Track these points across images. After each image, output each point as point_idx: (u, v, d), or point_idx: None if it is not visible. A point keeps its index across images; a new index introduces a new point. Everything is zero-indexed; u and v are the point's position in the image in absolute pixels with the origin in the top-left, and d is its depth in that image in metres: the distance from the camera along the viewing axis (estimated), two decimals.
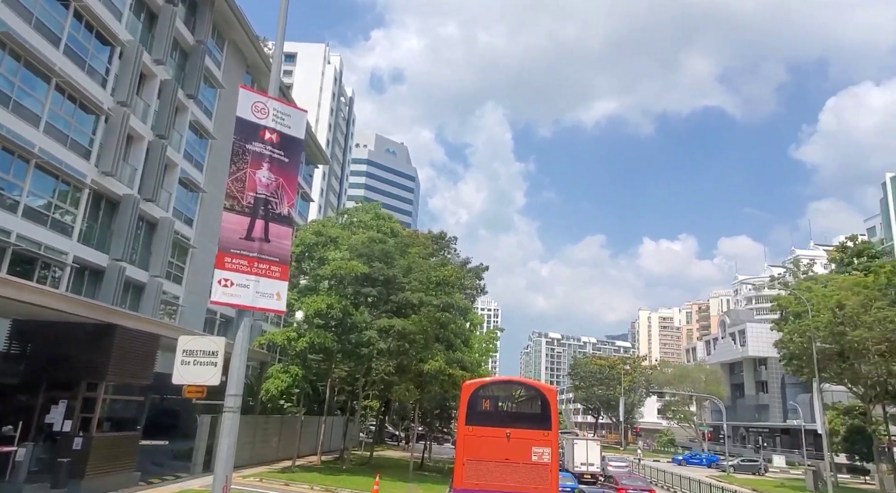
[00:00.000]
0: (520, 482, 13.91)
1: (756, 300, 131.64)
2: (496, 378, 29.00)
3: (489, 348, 45.69)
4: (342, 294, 28.20)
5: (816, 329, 34.35)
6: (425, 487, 27.30)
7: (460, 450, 14.74)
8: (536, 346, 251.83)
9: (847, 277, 36.62)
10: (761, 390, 77.34)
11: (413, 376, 29.95)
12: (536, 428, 14.50)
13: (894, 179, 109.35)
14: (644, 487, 27.87)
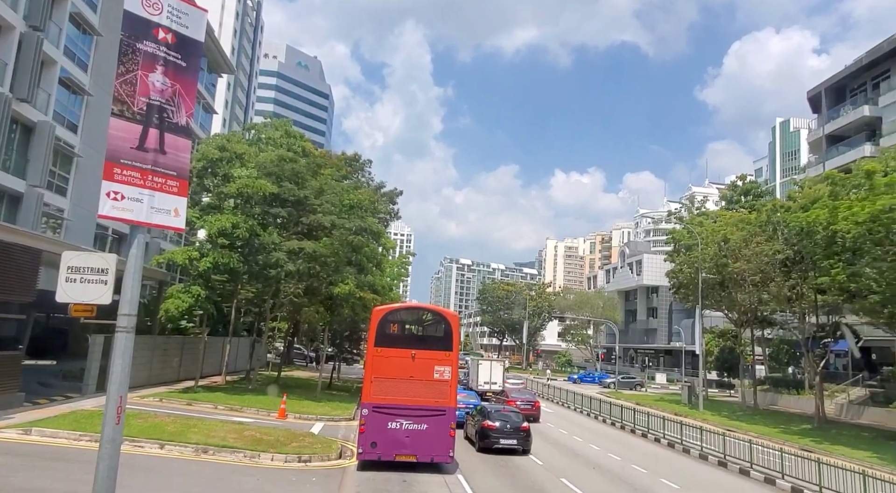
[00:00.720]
0: (423, 396, 15.69)
1: (654, 233, 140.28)
2: (404, 304, 30.39)
3: (401, 272, 46.12)
4: (249, 214, 27.10)
5: (703, 261, 37.22)
6: (333, 405, 27.85)
7: (369, 369, 16.17)
8: (447, 271, 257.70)
9: (734, 213, 39.61)
10: (651, 316, 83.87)
11: (323, 299, 29.81)
12: (439, 350, 16.16)
13: (783, 124, 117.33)
14: (530, 399, 30.43)
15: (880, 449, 25.15)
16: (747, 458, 19.78)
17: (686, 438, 24.00)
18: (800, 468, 17.48)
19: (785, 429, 30.88)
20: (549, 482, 16.08)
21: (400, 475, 15.58)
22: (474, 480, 15.64)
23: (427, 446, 15.71)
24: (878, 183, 26.20)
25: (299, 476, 14.59)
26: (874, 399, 37.44)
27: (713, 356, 56.49)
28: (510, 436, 19.39)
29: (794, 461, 18.18)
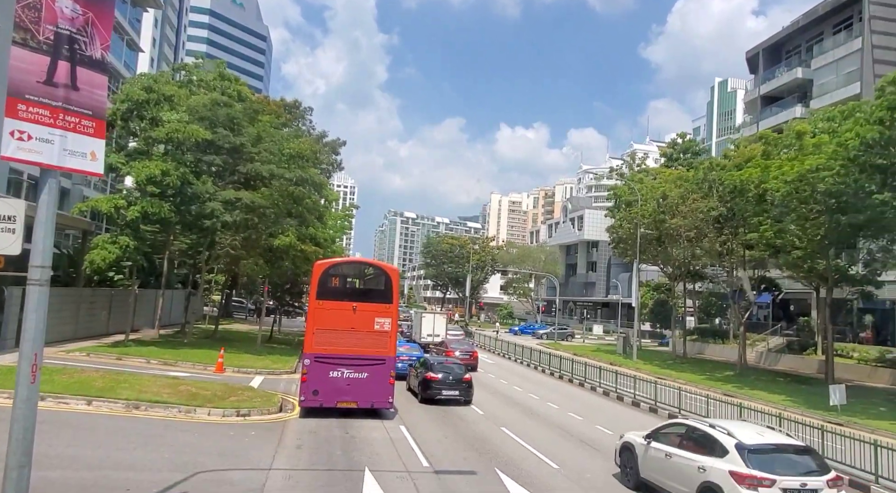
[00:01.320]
0: (364, 347, 16.31)
1: (595, 189, 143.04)
2: (345, 259, 30.80)
3: (344, 225, 45.33)
4: (180, 161, 25.64)
5: (642, 217, 38.22)
6: (274, 358, 27.44)
7: (311, 321, 16.67)
8: (391, 225, 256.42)
9: (673, 171, 40.67)
10: (591, 270, 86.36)
11: (262, 251, 28.94)
12: (379, 302, 16.71)
13: (721, 84, 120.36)
14: (468, 349, 31.08)
15: (793, 393, 27.05)
16: (676, 404, 20.82)
17: (620, 386, 25.02)
18: (723, 412, 18.49)
19: (710, 376, 32.71)
20: (489, 431, 16.42)
21: (342, 427, 15.54)
22: (417, 431, 15.78)
23: (367, 393, 16.30)
24: (807, 143, 27.24)
25: (238, 431, 14.30)
26: (790, 347, 40.11)
27: (647, 309, 59.00)
28: (452, 387, 19.63)
29: (717, 406, 19.25)
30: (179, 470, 10.79)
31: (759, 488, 8.89)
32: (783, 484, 8.91)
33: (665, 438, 11.21)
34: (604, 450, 15.05)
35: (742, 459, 9.26)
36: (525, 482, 11.64)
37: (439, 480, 11.53)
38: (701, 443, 10.21)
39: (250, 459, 12.03)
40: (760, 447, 9.53)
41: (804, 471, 9.34)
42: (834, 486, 9.30)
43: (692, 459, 10.07)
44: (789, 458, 9.63)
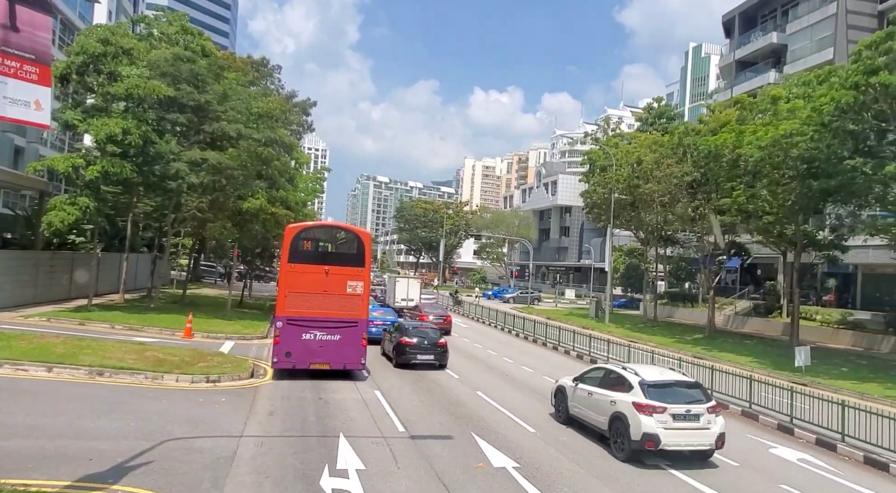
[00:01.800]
0: (336, 309, 16.46)
1: (569, 154, 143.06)
2: (317, 222, 30.67)
3: (315, 188, 44.32)
4: (142, 119, 24.42)
5: (617, 182, 38.15)
6: (245, 323, 26.92)
7: (283, 284, 16.77)
8: (364, 189, 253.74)
9: (648, 135, 40.54)
10: (564, 235, 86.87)
11: (231, 215, 28.07)
12: (352, 266, 16.87)
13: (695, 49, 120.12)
14: (442, 313, 30.96)
15: (760, 354, 27.68)
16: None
17: (594, 349, 25.23)
18: (695, 375, 18.70)
19: (679, 339, 33.30)
20: (465, 396, 16.33)
21: (316, 392, 15.27)
22: (392, 395, 15.59)
23: (340, 355, 16.49)
24: (782, 109, 27.24)
25: (207, 397, 13.91)
26: (756, 311, 41.07)
27: (619, 273, 59.66)
28: (427, 352, 19.46)
29: (689, 368, 19.46)
30: (146, 438, 10.41)
31: (653, 414, 10.91)
32: (672, 410, 10.97)
33: (589, 380, 13.20)
34: None
35: (643, 392, 11.26)
36: (502, 447, 11.55)
37: (416, 445, 11.36)
38: (615, 382, 12.21)
39: (221, 426, 11.69)
40: (657, 383, 11.58)
41: (690, 400, 11.33)
42: (712, 412, 11.32)
43: (607, 395, 12.07)
44: (680, 391, 11.57)
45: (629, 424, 11.06)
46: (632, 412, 11.07)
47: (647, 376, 11.80)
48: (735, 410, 16.22)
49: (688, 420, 11.04)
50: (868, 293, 38.84)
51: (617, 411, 11.49)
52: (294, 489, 8.78)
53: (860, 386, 20.81)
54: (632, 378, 11.76)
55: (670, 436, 10.82)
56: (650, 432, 10.73)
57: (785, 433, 14.21)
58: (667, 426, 10.85)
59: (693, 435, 11.05)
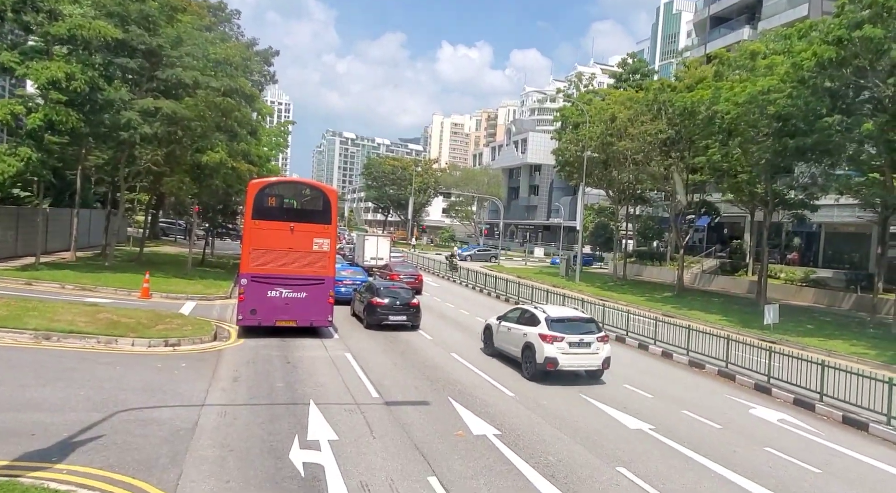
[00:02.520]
0: (302, 267, 16.40)
1: (539, 112, 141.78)
2: (282, 178, 29.76)
3: (279, 142, 42.48)
4: (87, 63, 22.48)
5: (590, 139, 37.49)
6: (207, 282, 25.83)
7: (247, 241, 16.52)
8: (330, 145, 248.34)
9: (623, 92, 39.78)
10: (533, 193, 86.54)
11: (189, 168, 26.50)
12: (318, 223, 16.68)
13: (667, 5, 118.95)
14: (413, 272, 30.27)
15: (728, 312, 27.94)
16: (624, 326, 20.90)
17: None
18: (673, 336, 18.58)
19: (650, 297, 33.47)
20: (440, 358, 15.81)
21: (283, 356, 14.54)
22: (364, 358, 14.95)
23: (306, 312, 16.44)
24: (760, 65, 26.75)
25: (166, 362, 13.04)
26: (723, 269, 41.62)
27: (588, 232, 59.73)
28: (399, 312, 18.84)
29: (666, 330, 19.35)
30: (97, 409, 9.57)
31: (553, 342, 13.49)
32: (569, 339, 13.56)
33: (509, 319, 15.70)
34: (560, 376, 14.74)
35: (547, 326, 13.83)
36: (481, 412, 11.07)
37: (391, 412, 10.78)
38: (528, 319, 14.65)
39: (181, 394, 10.89)
40: (559, 318, 14.20)
41: (584, 332, 13.89)
42: (601, 341, 13.95)
43: (522, 329, 14.57)
44: (577, 324, 14.15)
45: (536, 350, 13.67)
46: (538, 341, 13.64)
47: (552, 313, 14.54)
48: (711, 369, 16.14)
49: (581, 347, 13.65)
50: (830, 252, 39.65)
51: (528, 341, 14.05)
52: (261, 464, 8.11)
53: (826, 343, 21.09)
54: (540, 315, 14.34)
55: (567, 359, 13.47)
56: (551, 356, 13.38)
57: (763, 393, 14.14)
58: (564, 351, 13.47)
59: (584, 358, 13.75)
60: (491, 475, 8.30)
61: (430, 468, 8.37)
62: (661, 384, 14.49)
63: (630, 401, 12.67)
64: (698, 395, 13.77)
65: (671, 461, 9.36)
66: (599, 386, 13.87)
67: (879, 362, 18.23)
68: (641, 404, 12.55)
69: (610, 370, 14.34)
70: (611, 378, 14.60)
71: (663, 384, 14.52)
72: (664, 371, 16.28)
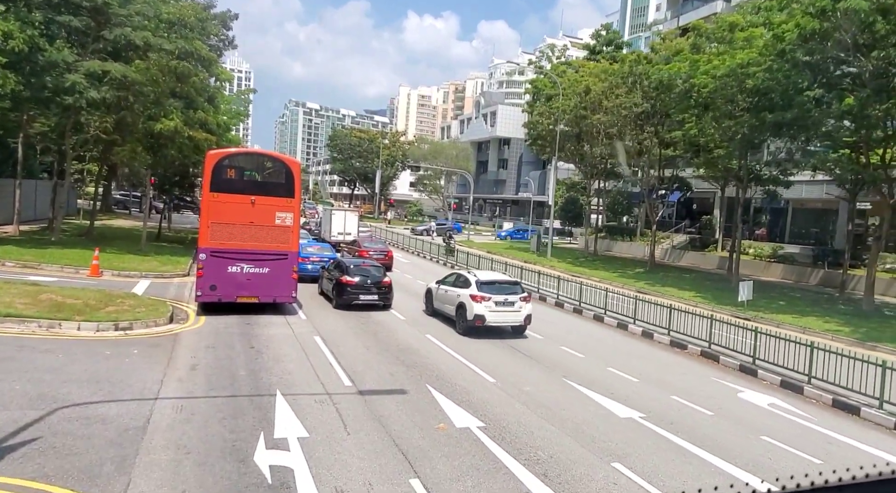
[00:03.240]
0: (264, 241, 15.92)
1: (508, 85, 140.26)
2: (241, 149, 28.70)
3: (240, 111, 40.42)
4: (26, 21, 20.51)
5: (563, 112, 36.68)
6: (163, 259, 24.41)
7: (205, 214, 15.90)
8: (293, 116, 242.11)
9: (596, 64, 38.94)
10: (502, 167, 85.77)
11: (142, 137, 24.75)
12: (280, 196, 16.21)
13: None
14: (383, 249, 29.21)
15: (701, 289, 27.85)
16: (602, 304, 20.43)
17: (543, 287, 24.45)
18: (654, 315, 18.12)
19: (622, 273, 33.25)
20: (414, 340, 14.99)
21: (247, 340, 13.55)
22: (334, 342, 14.03)
23: (269, 288, 15.99)
24: (738, 37, 26.23)
25: (116, 350, 11.90)
26: (692, 245, 41.76)
27: (557, 206, 59.39)
28: (371, 291, 17.91)
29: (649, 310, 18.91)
30: (34, 406, 8.50)
31: (482, 301, 15.34)
32: (495, 299, 15.42)
33: (447, 282, 17.43)
34: (541, 360, 14.12)
35: (477, 287, 15.64)
36: (463, 402, 10.33)
37: (366, 404, 9.95)
38: (462, 282, 16.48)
39: (131, 386, 9.83)
40: (487, 281, 16.12)
41: (509, 293, 15.80)
42: (524, 300, 15.87)
43: (456, 291, 16.32)
44: (503, 286, 16.04)
45: (467, 309, 15.50)
46: (469, 301, 15.48)
47: (481, 276, 16.57)
48: (694, 350, 15.75)
49: (506, 306, 15.53)
50: (796, 227, 40.12)
51: (461, 301, 15.81)
52: (222, 468, 7.19)
53: (800, 320, 21.04)
54: (471, 278, 16.21)
55: (493, 316, 15.42)
56: (479, 313, 15.29)
57: (748, 375, 13.76)
58: (491, 309, 15.34)
59: (508, 315, 15.69)
60: (479, 475, 7.56)
61: (412, 469, 7.59)
62: (646, 367, 13.99)
63: (616, 386, 12.12)
64: (685, 378, 13.31)
65: (667, 453, 8.79)
66: (583, 369, 13.29)
67: (853, 338, 18.18)
68: (628, 389, 12.00)
69: (594, 352, 13.77)
70: (594, 361, 14.07)
71: (647, 367, 14.02)
72: (646, 352, 15.81)
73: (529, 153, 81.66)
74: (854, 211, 30.29)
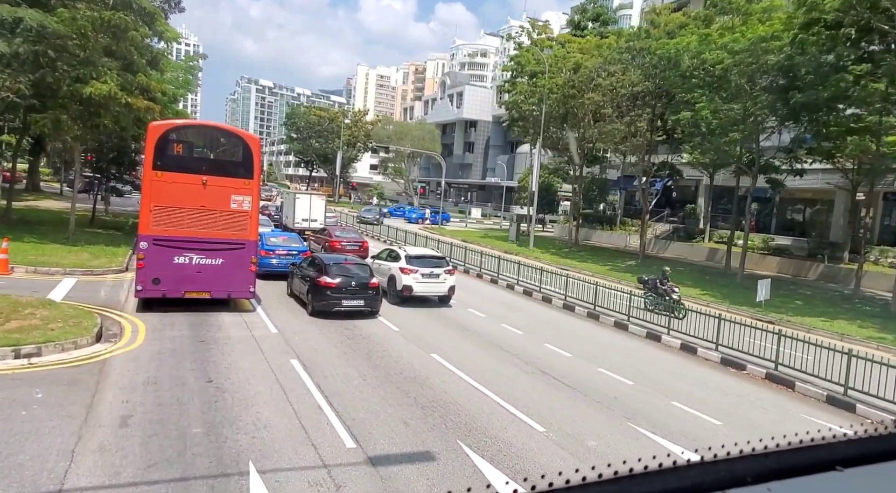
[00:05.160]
0: (218, 228, 13.97)
1: (470, 67, 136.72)
2: (191, 121, 24.71)
3: (188, 80, 35.84)
4: None
5: (549, 91, 33.71)
6: (95, 250, 20.53)
7: (147, 196, 13.79)
8: (245, 93, 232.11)
9: (589, 39, 36.04)
10: (468, 151, 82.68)
11: (67, 103, 20.47)
12: (237, 177, 14.25)
13: None
14: (357, 239, 25.65)
15: (704, 285, 25.60)
16: (625, 311, 17.75)
17: (528, 280, 21.87)
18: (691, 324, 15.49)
19: (613, 266, 30.86)
20: (420, 363, 11.81)
21: (202, 368, 10.18)
22: (319, 368, 10.76)
23: (223, 281, 14.06)
24: (755, 9, 23.85)
25: (9, 393, 8.37)
26: (677, 235, 39.80)
27: (526, 193, 56.84)
28: (355, 295, 14.63)
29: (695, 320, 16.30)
30: None
31: (410, 273, 16.62)
32: (422, 271, 16.66)
33: (380, 257, 18.64)
34: (589, 392, 11.22)
35: (406, 261, 16.93)
36: (513, 467, 7.28)
37: (383, 482, 6.80)
38: (393, 257, 17.71)
39: (21, 468, 6.39)
40: (416, 255, 17.53)
41: (435, 266, 17.10)
42: (448, 273, 17.17)
43: (388, 265, 17.46)
44: (429, 260, 17.44)
45: (396, 280, 16.72)
46: (398, 273, 16.72)
47: (410, 252, 17.98)
48: (755, 372, 12.99)
49: (432, 277, 16.76)
50: (783, 218, 38.65)
51: (391, 273, 16.96)
52: None
53: (832, 325, 18.95)
54: (402, 253, 17.55)
55: (420, 287, 16.60)
56: (407, 284, 16.51)
57: (840, 408, 11.13)
58: (418, 281, 16.56)
59: (434, 286, 16.89)
60: None
61: None
62: (720, 400, 11.03)
63: (690, 429, 9.33)
64: (772, 417, 10.53)
65: None
66: (650, 410, 10.45)
67: None
68: (705, 432, 9.22)
69: (649, 381, 10.97)
70: (651, 392, 11.25)
71: (722, 401, 11.02)
72: (703, 376, 12.66)
73: (497, 136, 78.84)
74: (856, 202, 28.67)
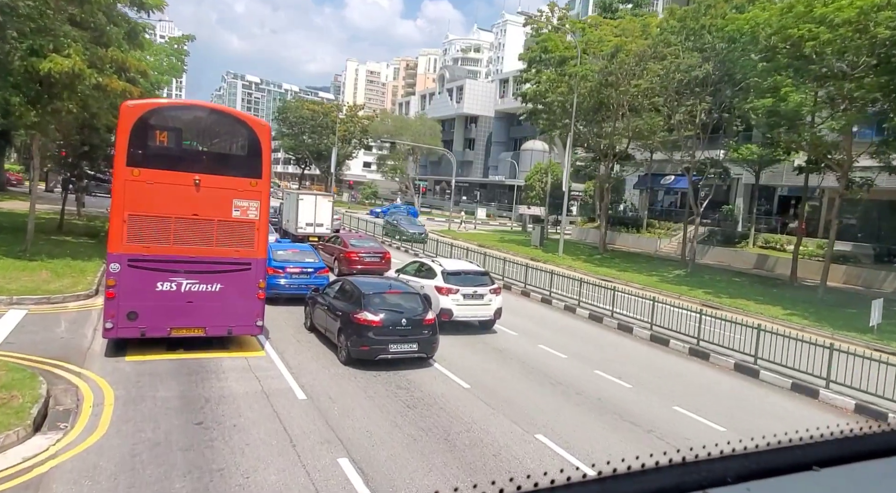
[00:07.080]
0: (214, 245, 10.59)
1: (463, 62, 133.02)
2: (179, 101, 20.29)
3: (174, 64, 31.57)
4: None
5: (583, 79, 29.87)
6: (59, 264, 16.49)
7: (118, 201, 10.13)
8: (231, 88, 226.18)
9: (630, 18, 32.27)
10: (468, 147, 78.84)
11: (21, 81, 16.27)
12: (241, 175, 10.81)
13: None
14: (378, 249, 21.28)
15: (781, 302, 21.88)
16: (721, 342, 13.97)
17: (562, 292, 18.22)
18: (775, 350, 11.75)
19: (659, 276, 27.23)
20: (521, 449, 7.95)
21: (196, 473, 6.22)
22: (379, 469, 6.85)
23: (222, 313, 10.66)
24: None
25: None
26: (715, 239, 36.34)
27: (534, 191, 53.13)
28: (406, 337, 10.65)
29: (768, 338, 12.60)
30: None
31: (449, 294, 14.18)
32: (463, 291, 14.28)
33: (407, 272, 16.02)
34: None
35: (443, 279, 14.50)
36: None
37: None
38: (426, 273, 15.29)
39: None
40: (454, 271, 14.92)
41: (478, 284, 14.63)
42: (493, 293, 14.64)
43: (420, 282, 14.67)
44: (471, 277, 14.89)
45: (432, 303, 12.92)
46: (434, 293, 14.06)
47: (447, 266, 15.25)
48: None
49: (475, 298, 14.36)
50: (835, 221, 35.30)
51: (425, 293, 13.12)
52: None
53: None
54: (437, 268, 15.02)
55: (461, 310, 14.13)
56: (446, 307, 13.90)
57: None
58: (458, 302, 14.14)
59: (478, 309, 14.43)
60: None
61: None
62: None
63: None
64: None
65: None
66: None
67: None
68: None
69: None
70: None
71: None
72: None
73: (500, 132, 75.03)
74: None
